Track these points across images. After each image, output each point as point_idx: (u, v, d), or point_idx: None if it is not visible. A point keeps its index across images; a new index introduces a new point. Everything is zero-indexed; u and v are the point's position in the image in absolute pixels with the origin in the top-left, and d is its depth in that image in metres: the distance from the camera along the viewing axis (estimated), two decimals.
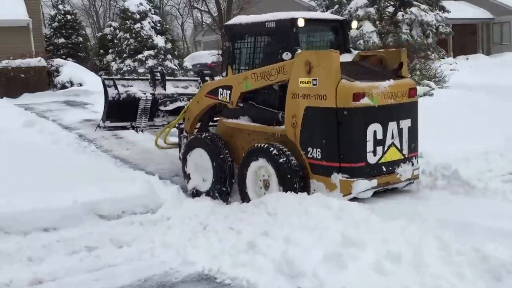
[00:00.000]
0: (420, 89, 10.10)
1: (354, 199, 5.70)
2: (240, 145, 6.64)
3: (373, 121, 5.54)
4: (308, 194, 5.73)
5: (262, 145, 6.06)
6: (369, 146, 5.54)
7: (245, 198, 6.27)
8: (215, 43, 32.60)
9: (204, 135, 7.01)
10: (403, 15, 18.49)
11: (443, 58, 18.27)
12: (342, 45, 6.64)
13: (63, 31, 29.71)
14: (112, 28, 25.79)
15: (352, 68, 5.89)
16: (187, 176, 7.16)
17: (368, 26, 17.91)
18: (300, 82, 5.75)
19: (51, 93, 18.78)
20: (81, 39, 30.60)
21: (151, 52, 22.10)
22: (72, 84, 19.46)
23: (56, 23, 29.83)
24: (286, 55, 5.99)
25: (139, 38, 22.33)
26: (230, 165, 6.65)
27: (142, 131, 8.45)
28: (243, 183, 6.26)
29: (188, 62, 25.62)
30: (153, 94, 8.33)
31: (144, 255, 5.35)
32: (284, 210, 5.47)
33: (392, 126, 5.69)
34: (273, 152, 5.84)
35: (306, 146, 5.80)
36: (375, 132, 5.55)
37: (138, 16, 22.50)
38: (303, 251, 4.72)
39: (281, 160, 5.77)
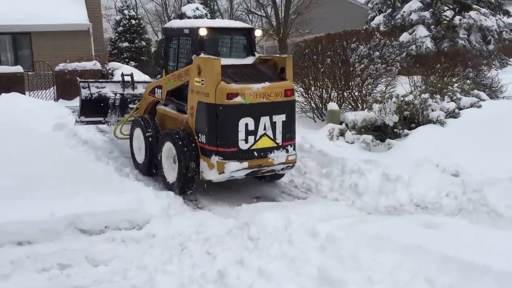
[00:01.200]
0: (466, 100, 9.09)
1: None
2: (169, 128, 7.84)
3: (244, 116, 6.71)
4: (199, 172, 6.95)
5: (170, 130, 7.41)
6: (241, 135, 6.73)
7: (159, 170, 7.65)
8: (275, 48, 32.18)
9: (139, 117, 8.43)
10: (460, 20, 17.10)
11: (505, 67, 16.74)
12: (248, 49, 7.77)
13: (127, 35, 30.36)
14: None
15: (235, 71, 7.05)
16: (133, 157, 8.53)
17: (421, 31, 16.70)
18: (195, 81, 6.99)
19: None
20: (144, 43, 31.15)
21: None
22: None
23: (121, 28, 30.54)
24: (194, 58, 7.14)
25: None
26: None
27: (113, 124, 9.72)
28: (159, 158, 7.58)
29: None
30: (122, 94, 9.61)
31: (116, 277, 4.92)
32: (267, 235, 4.88)
33: (265, 120, 6.86)
34: (175, 136, 7.13)
35: (198, 132, 7.04)
36: (246, 124, 6.74)
37: None
38: (274, 287, 4.12)
39: (180, 143, 7.03)
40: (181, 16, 22.79)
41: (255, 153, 6.89)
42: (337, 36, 10.96)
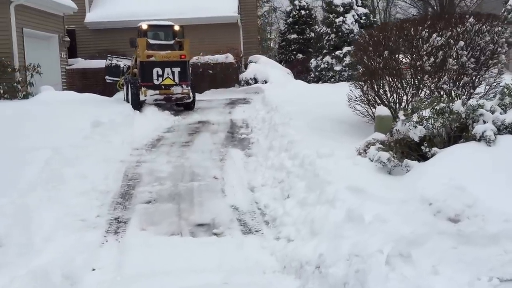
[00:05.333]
0: None
1: None
2: None
3: (156, 67, 13.31)
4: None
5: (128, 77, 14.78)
6: (155, 76, 13.28)
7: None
8: None
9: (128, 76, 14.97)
10: None
11: None
12: (172, 36, 14.67)
13: (296, 26, 29.94)
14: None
15: (155, 45, 13.83)
16: (125, 96, 14.40)
17: None
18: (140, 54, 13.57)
19: (233, 90, 18.91)
20: (313, 34, 30.36)
21: (350, 48, 20.27)
22: (256, 81, 19.23)
23: (290, 19, 30.25)
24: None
25: (340, 33, 20.74)
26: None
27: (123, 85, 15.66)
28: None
29: None
30: (128, 66, 16.00)
31: None
32: None
33: (167, 69, 13.36)
34: (130, 79, 14.05)
35: (140, 77, 13.45)
36: (157, 71, 13.30)
37: (341, 9, 20.89)
38: None
39: (131, 82, 13.70)
40: (329, 4, 21.32)
41: (163, 86, 13.32)
42: (410, 23, 8.70)
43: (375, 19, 23.52)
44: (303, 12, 29.84)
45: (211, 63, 19.16)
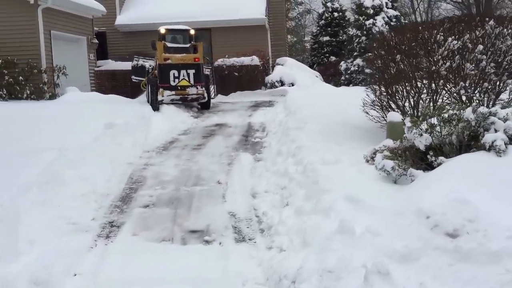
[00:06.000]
0: None
1: None
2: None
3: (172, 69, 14.14)
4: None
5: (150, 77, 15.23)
6: (171, 78, 14.05)
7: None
8: None
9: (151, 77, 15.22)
10: None
11: None
12: (188, 40, 15.55)
13: (329, 29, 29.56)
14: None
15: (171, 49, 14.75)
16: (148, 97, 14.44)
17: None
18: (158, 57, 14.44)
19: (259, 92, 18.76)
20: (346, 37, 29.86)
21: None
22: (282, 83, 19.01)
23: (322, 21, 29.91)
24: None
25: (370, 35, 20.32)
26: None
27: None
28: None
29: None
30: (153, 67, 16.01)
31: None
32: None
33: (183, 71, 14.18)
34: (151, 80, 14.52)
35: (158, 78, 14.18)
36: (174, 73, 14.11)
37: (371, 11, 20.49)
38: None
39: (151, 83, 14.12)
40: (359, 6, 20.93)
41: (179, 88, 14.06)
42: (425, 26, 8.37)
43: (405, 21, 22.97)
44: (335, 14, 29.44)
45: (237, 66, 19.07)
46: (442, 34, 7.97)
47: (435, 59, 7.95)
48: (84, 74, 19.06)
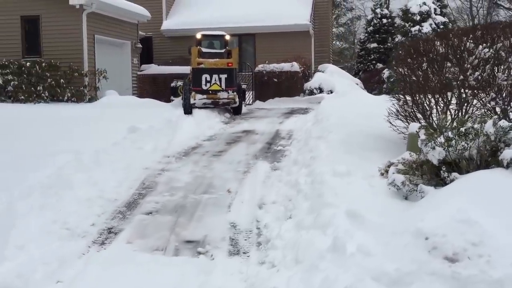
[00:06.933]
0: None
1: None
2: None
3: (204, 73, 14.43)
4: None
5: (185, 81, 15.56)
6: (203, 82, 14.35)
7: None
8: None
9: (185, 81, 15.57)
10: None
11: None
12: (223, 45, 15.81)
13: (377, 35, 28.91)
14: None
15: (206, 54, 14.91)
16: (183, 102, 14.46)
17: None
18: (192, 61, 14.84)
19: (296, 99, 18.48)
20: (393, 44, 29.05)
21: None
22: (321, 90, 18.65)
23: (371, 27, 29.30)
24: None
25: None
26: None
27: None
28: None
29: None
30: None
31: None
32: None
33: (215, 76, 14.44)
34: (185, 84, 14.88)
35: (192, 82, 14.55)
36: (205, 77, 14.39)
37: (418, 18, 19.80)
38: None
39: (186, 87, 14.48)
40: (405, 12, 20.29)
41: (210, 92, 14.38)
42: (454, 33, 7.89)
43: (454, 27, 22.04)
44: (384, 20, 28.75)
45: (276, 72, 18.87)
46: (472, 41, 7.48)
47: (465, 68, 7.46)
48: (127, 78, 19.40)
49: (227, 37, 15.75)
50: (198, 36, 15.56)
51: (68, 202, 6.34)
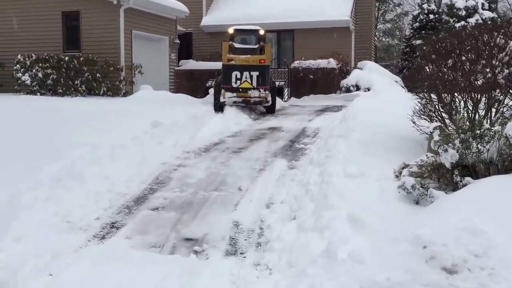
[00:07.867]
0: None
1: None
2: None
3: (235, 70, 13.71)
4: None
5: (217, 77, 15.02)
6: (233, 80, 13.65)
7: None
8: None
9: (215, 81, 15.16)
10: None
11: None
12: (256, 41, 14.96)
13: (423, 31, 28.04)
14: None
15: (238, 49, 14.37)
16: (214, 99, 14.11)
17: None
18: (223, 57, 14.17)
19: (332, 97, 18.13)
20: None
21: None
22: (358, 88, 18.21)
23: (417, 24, 28.47)
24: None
25: None
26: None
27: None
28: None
29: None
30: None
31: None
32: None
33: (246, 73, 13.65)
34: (216, 80, 14.64)
35: (222, 79, 13.99)
36: (236, 74, 13.66)
37: (464, 13, 19.01)
38: None
39: (216, 84, 14.06)
40: (450, 7, 19.52)
41: (240, 90, 13.64)
42: (485, 28, 7.44)
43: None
44: (431, 16, 27.83)
45: (313, 68, 18.56)
46: (502, 37, 7.03)
47: (494, 65, 7.02)
48: (164, 73, 19.57)
49: (261, 32, 14.75)
50: (231, 30, 14.87)
51: (76, 196, 6.36)
